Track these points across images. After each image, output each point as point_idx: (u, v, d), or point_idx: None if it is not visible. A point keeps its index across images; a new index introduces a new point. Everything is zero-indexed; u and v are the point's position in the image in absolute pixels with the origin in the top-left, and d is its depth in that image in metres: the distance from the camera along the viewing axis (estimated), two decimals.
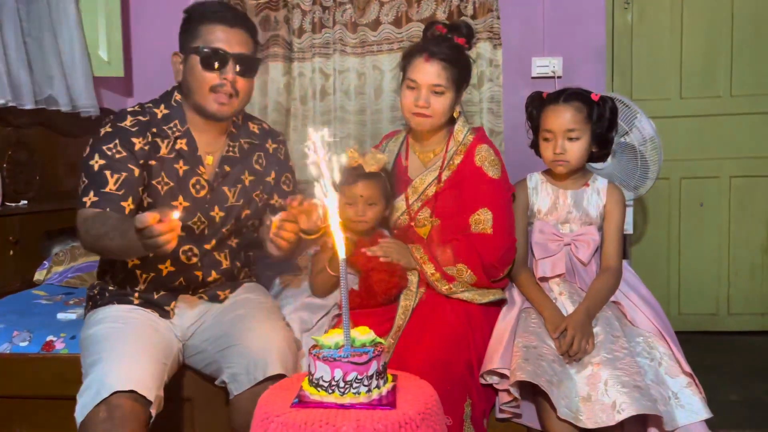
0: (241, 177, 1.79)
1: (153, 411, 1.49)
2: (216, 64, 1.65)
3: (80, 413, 1.44)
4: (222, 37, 1.65)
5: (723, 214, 3.39)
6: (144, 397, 1.45)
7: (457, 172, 1.94)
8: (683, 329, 3.17)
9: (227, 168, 1.78)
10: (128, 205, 1.65)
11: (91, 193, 1.63)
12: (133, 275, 1.73)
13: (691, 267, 3.43)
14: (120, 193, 1.64)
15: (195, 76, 1.67)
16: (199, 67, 1.65)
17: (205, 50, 1.64)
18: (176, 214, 1.36)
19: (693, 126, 3.35)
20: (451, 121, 2.02)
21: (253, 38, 1.73)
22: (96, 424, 1.41)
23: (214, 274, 1.79)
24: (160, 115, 1.73)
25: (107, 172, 1.63)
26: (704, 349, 3.11)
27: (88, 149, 1.68)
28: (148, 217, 1.32)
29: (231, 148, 1.79)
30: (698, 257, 3.42)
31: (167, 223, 1.34)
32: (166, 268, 1.74)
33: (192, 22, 1.69)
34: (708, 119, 3.35)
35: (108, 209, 1.62)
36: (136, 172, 1.66)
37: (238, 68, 1.67)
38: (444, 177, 1.95)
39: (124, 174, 1.65)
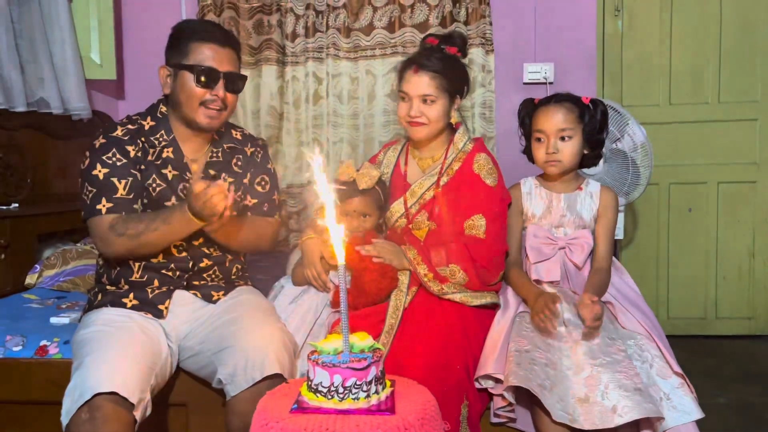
0: (224, 179, 1.85)
1: (137, 414, 1.49)
2: (208, 82, 1.74)
3: (65, 417, 1.47)
4: (213, 56, 1.75)
5: (711, 219, 3.44)
6: (126, 400, 1.46)
7: (455, 178, 1.98)
8: (672, 333, 3.20)
9: (212, 172, 1.85)
10: (138, 207, 1.75)
11: (104, 200, 1.71)
12: (127, 264, 1.78)
13: (680, 271, 3.47)
14: (130, 197, 1.74)
15: (186, 91, 1.75)
16: (192, 84, 1.74)
17: (200, 69, 1.73)
18: (222, 181, 1.59)
19: (682, 132, 3.40)
20: (450, 128, 2.05)
21: (239, 56, 1.84)
22: (78, 426, 1.43)
23: (205, 261, 1.84)
24: (147, 127, 1.81)
25: (114, 179, 1.72)
26: (693, 353, 3.15)
27: (87, 161, 1.75)
28: (200, 184, 1.56)
29: (215, 154, 1.87)
30: (687, 262, 3.46)
31: (218, 187, 1.56)
32: (157, 258, 1.78)
33: (181, 39, 1.77)
34: (696, 125, 3.40)
35: (123, 213, 1.71)
36: (139, 176, 1.76)
37: (227, 85, 1.77)
38: (442, 182, 1.98)
39: (130, 179, 1.74)
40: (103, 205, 1.70)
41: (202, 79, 1.73)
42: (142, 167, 1.76)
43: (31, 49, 2.79)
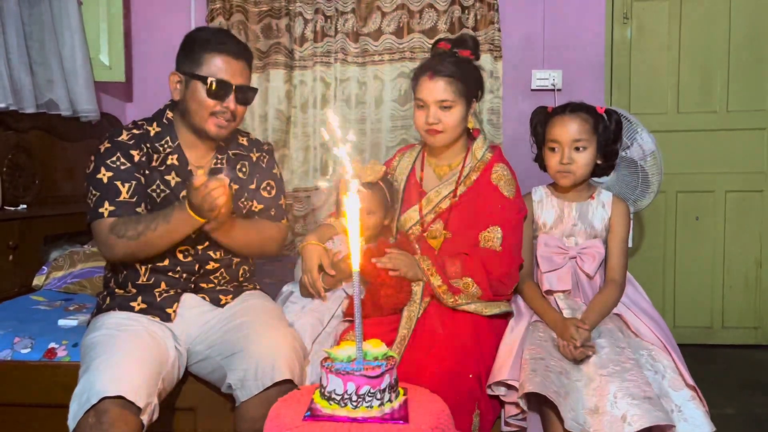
0: (228, 185, 1.84)
1: (144, 418, 1.49)
2: (220, 94, 1.73)
3: (72, 421, 1.47)
4: (226, 68, 1.74)
5: (718, 228, 3.43)
6: (133, 404, 1.46)
7: (473, 187, 1.97)
8: (678, 342, 3.17)
9: (220, 170, 1.83)
10: (141, 211, 1.74)
11: (107, 203, 1.70)
12: (134, 268, 1.77)
13: (686, 280, 3.46)
14: (133, 200, 1.73)
15: (197, 101, 1.74)
16: (203, 94, 1.73)
17: (213, 81, 1.72)
18: (224, 173, 1.60)
19: (689, 140, 3.40)
20: (468, 134, 2.03)
21: (251, 68, 1.84)
22: (85, 430, 1.43)
23: (212, 264, 1.84)
24: (152, 133, 1.80)
25: (117, 183, 1.72)
26: (699, 362, 3.12)
27: (92, 165, 1.75)
28: (200, 178, 1.56)
29: (219, 161, 1.87)
30: (693, 271, 3.46)
31: (218, 180, 1.56)
32: (163, 262, 1.78)
33: (195, 47, 1.76)
34: (704, 134, 3.39)
35: (125, 216, 1.70)
36: (142, 180, 1.75)
37: (238, 98, 1.76)
38: (459, 191, 1.97)
39: (134, 182, 1.74)
40: (106, 209, 1.70)
41: (214, 91, 1.72)
42: (146, 172, 1.76)
43: (40, 50, 2.79)
